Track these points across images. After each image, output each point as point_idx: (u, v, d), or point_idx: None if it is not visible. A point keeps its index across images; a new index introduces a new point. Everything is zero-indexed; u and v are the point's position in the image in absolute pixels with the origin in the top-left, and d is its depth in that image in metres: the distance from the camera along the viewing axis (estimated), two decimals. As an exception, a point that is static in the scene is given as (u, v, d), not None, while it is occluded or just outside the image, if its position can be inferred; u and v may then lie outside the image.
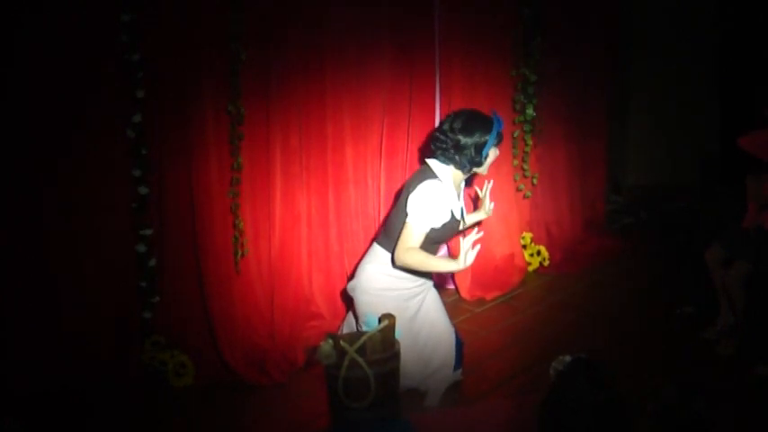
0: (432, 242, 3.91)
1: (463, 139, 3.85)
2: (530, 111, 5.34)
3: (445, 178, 3.89)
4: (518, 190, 5.46)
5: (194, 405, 4.02)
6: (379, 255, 3.99)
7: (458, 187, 3.99)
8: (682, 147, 6.90)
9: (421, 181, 3.86)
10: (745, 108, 5.54)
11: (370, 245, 4.14)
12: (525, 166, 5.46)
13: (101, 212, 3.86)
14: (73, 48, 3.63)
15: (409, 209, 3.82)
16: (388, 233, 3.97)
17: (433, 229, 3.85)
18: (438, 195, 3.84)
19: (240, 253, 4.18)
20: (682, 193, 6.79)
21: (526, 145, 5.42)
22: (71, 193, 3.77)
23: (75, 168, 3.76)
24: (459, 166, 3.91)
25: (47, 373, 3.82)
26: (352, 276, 4.25)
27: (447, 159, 3.89)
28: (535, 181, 5.53)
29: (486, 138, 3.86)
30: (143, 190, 3.95)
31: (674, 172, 6.99)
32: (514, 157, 5.41)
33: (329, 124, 4.51)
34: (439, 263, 3.99)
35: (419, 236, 3.81)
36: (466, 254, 3.69)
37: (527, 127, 5.38)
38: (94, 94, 3.74)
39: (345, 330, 4.20)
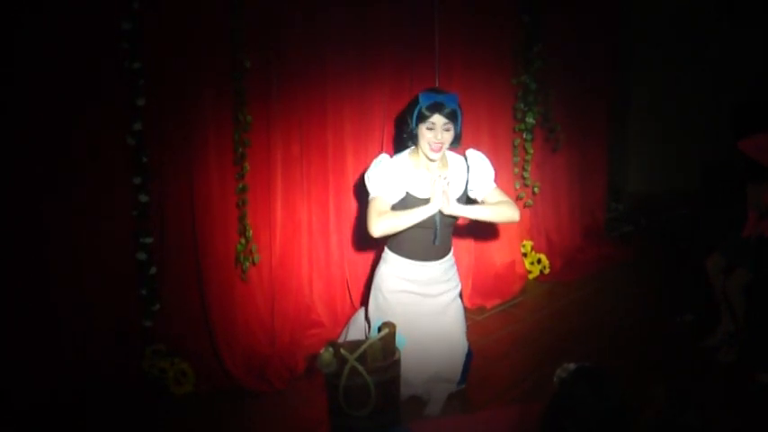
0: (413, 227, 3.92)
1: (405, 117, 3.96)
2: (530, 119, 5.36)
3: (401, 157, 3.95)
4: (518, 198, 5.47)
5: (195, 413, 4.01)
6: (388, 256, 4.02)
7: (426, 167, 3.94)
8: (682, 154, 6.92)
9: None
10: (748, 116, 5.56)
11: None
12: (525, 175, 5.47)
13: (101, 220, 3.86)
14: (73, 55, 3.63)
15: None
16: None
17: (396, 206, 3.88)
18: (382, 165, 3.92)
19: (250, 260, 4.18)
20: (682, 200, 6.79)
21: (527, 153, 5.43)
22: (71, 200, 3.77)
23: (75, 176, 3.76)
24: (407, 143, 3.96)
25: (47, 383, 3.80)
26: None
27: (403, 141, 4.00)
28: (537, 190, 5.54)
29: (413, 111, 3.87)
30: (144, 198, 3.95)
31: (674, 180, 7.00)
32: (515, 165, 5.42)
33: (330, 132, 4.52)
34: (413, 212, 3.85)
35: (379, 205, 3.86)
36: (434, 195, 3.78)
37: (527, 135, 5.39)
38: (95, 101, 3.74)
39: (351, 336, 4.19)
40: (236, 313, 4.23)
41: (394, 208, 3.88)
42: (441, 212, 3.83)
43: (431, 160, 3.90)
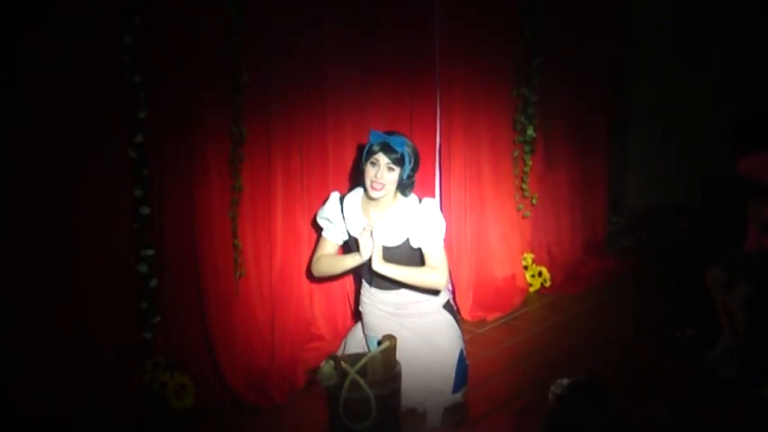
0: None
1: None
2: (530, 131, 5.37)
3: (355, 194, 4.07)
4: (517, 209, 5.48)
5: (194, 426, 4.00)
6: (362, 281, 4.16)
7: (374, 207, 3.99)
8: (682, 168, 6.91)
9: None
10: (749, 130, 5.56)
11: None
12: (524, 186, 5.48)
13: (102, 232, 3.86)
14: (74, 69, 3.64)
15: None
16: None
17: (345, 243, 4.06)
18: (329, 205, 4.09)
19: (239, 273, 4.18)
20: (682, 214, 6.79)
21: (525, 165, 5.44)
22: (72, 212, 3.76)
23: (76, 189, 3.75)
24: (359, 181, 4.02)
25: (46, 396, 3.79)
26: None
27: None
28: (535, 201, 5.55)
29: (363, 149, 3.96)
30: (145, 210, 3.96)
31: (675, 193, 6.99)
32: (515, 177, 5.43)
33: (330, 145, 4.52)
34: (344, 259, 4.05)
35: (321, 246, 4.16)
36: (364, 244, 3.85)
37: (527, 147, 5.41)
38: (96, 114, 3.74)
39: (349, 350, 4.19)
40: (236, 327, 4.22)
41: (345, 243, 4.12)
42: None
43: (371, 199, 3.95)
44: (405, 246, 3.98)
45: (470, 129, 5.13)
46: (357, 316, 4.35)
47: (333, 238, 4.12)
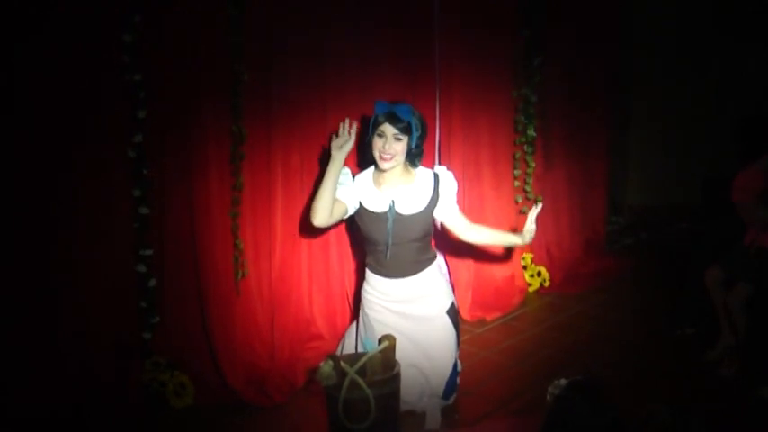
0: (364, 236, 4.01)
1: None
2: (530, 131, 5.36)
3: (366, 172, 4.04)
4: (521, 213, 5.47)
5: (194, 426, 4.01)
6: (366, 274, 4.10)
7: (386, 181, 3.97)
8: (682, 168, 6.91)
9: None
10: (748, 130, 5.55)
11: None
12: (528, 188, 5.47)
13: (101, 232, 3.86)
14: (74, 68, 3.64)
15: None
16: None
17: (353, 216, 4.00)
18: (342, 173, 3.96)
19: (240, 273, 4.18)
20: (682, 213, 6.79)
21: (528, 166, 5.43)
22: (71, 213, 3.77)
23: (75, 188, 3.76)
24: (368, 156, 3.99)
25: (46, 396, 3.79)
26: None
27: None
28: (540, 203, 5.53)
29: (369, 122, 3.93)
30: (144, 210, 3.96)
31: (675, 193, 6.99)
32: (515, 178, 5.42)
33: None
34: (326, 177, 3.90)
35: None
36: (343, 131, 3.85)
37: (528, 148, 5.40)
38: (95, 114, 3.74)
39: (347, 349, 4.19)
40: (235, 326, 4.22)
41: (351, 219, 4.03)
42: (392, 227, 3.87)
43: (382, 170, 3.91)
44: (422, 214, 3.95)
45: (470, 128, 5.13)
46: (355, 315, 4.35)
47: (339, 195, 3.93)
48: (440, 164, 5.08)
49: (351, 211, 3.99)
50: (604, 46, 6.04)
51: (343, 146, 3.83)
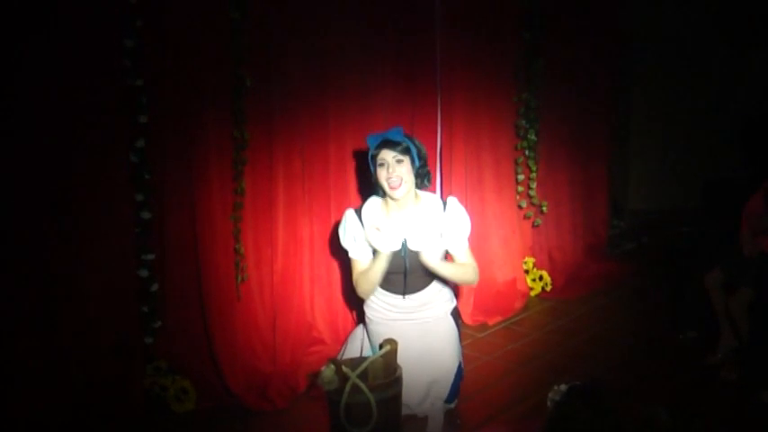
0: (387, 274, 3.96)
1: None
2: (532, 136, 5.36)
3: (371, 204, 4.02)
4: (526, 217, 5.47)
5: (196, 430, 4.00)
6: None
7: (396, 207, 3.96)
8: (683, 172, 6.92)
9: None
10: (754, 133, 5.57)
11: None
12: (532, 193, 5.47)
13: (103, 237, 3.86)
14: (75, 72, 3.64)
15: None
16: None
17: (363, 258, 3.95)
18: (347, 225, 3.98)
19: (240, 278, 4.18)
20: (683, 217, 6.79)
21: (531, 171, 5.43)
22: (73, 217, 3.77)
23: (77, 193, 3.76)
24: (377, 193, 4.00)
25: (47, 400, 3.79)
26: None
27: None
28: (545, 209, 5.53)
29: (368, 158, 3.95)
30: (146, 214, 3.96)
31: (676, 197, 7.00)
32: (518, 183, 5.42)
33: (332, 148, 4.53)
34: (373, 266, 3.88)
35: (355, 267, 3.98)
36: (376, 239, 3.79)
37: (530, 153, 5.39)
38: (97, 119, 3.74)
39: (349, 354, 4.19)
40: (237, 331, 4.22)
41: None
42: (408, 263, 3.85)
43: (394, 199, 3.91)
44: (435, 249, 3.91)
45: (471, 133, 5.14)
46: (359, 321, 4.35)
47: (361, 256, 3.97)
48: (441, 168, 5.09)
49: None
50: (605, 49, 6.05)
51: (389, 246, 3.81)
